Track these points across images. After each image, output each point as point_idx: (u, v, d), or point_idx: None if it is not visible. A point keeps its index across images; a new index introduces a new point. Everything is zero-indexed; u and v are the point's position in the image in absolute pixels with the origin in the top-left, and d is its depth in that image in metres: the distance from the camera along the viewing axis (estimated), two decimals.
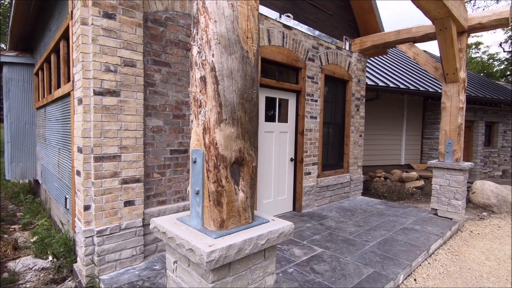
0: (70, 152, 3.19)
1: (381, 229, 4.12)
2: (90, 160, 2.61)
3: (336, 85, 5.65)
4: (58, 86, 3.75)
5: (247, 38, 1.37)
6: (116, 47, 2.67)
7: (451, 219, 4.68)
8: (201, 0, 1.34)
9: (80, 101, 2.64)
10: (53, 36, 3.83)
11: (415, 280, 2.99)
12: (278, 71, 4.51)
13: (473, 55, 22.51)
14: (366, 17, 5.80)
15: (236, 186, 1.40)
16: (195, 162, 1.40)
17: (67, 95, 3.18)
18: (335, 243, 3.56)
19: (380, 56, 10.08)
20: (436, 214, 4.89)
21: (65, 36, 3.27)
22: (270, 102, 4.48)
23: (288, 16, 4.43)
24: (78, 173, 2.74)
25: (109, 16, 2.61)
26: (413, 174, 7.66)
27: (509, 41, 14.12)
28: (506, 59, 19.52)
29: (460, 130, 4.68)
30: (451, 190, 4.68)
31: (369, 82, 7.71)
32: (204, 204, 1.37)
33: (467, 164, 4.59)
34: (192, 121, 1.43)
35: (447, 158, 4.74)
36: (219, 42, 1.32)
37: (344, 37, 5.64)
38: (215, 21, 1.32)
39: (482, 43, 22.26)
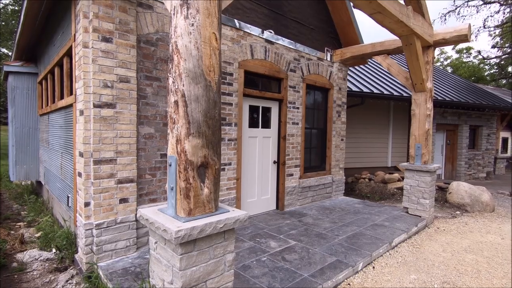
0: (72, 155, 3.62)
1: (353, 225, 4.56)
2: (90, 163, 3.04)
3: (318, 93, 6.11)
4: (62, 97, 4.19)
5: (209, 71, 1.82)
6: (113, 66, 3.11)
7: (420, 216, 5.11)
8: (174, 44, 1.78)
9: (81, 113, 3.08)
10: (57, 51, 4.27)
11: (373, 268, 3.42)
12: (261, 82, 4.95)
13: (464, 59, 23.07)
14: (346, 29, 6.26)
15: (202, 184, 1.84)
16: (170, 165, 1.84)
17: (70, 106, 3.62)
18: (308, 237, 3.99)
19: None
20: (407, 212, 5.33)
21: (68, 53, 3.72)
22: (254, 109, 4.92)
23: (270, 32, 4.88)
24: (80, 174, 3.17)
25: (106, 40, 3.06)
26: (395, 175, 8.11)
27: (497, 47, 14.61)
28: (496, 64, 20.06)
29: (428, 135, 5.12)
30: (420, 190, 5.12)
31: (354, 89, 8.17)
32: (176, 197, 1.80)
33: (433, 166, 5.03)
34: (169, 134, 1.87)
35: (417, 160, 5.18)
36: (188, 75, 1.76)
37: (325, 48, 6.10)
38: (185, 59, 1.76)
39: (472, 48, 22.84)
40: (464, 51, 22.63)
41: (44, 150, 5.92)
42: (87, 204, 3.07)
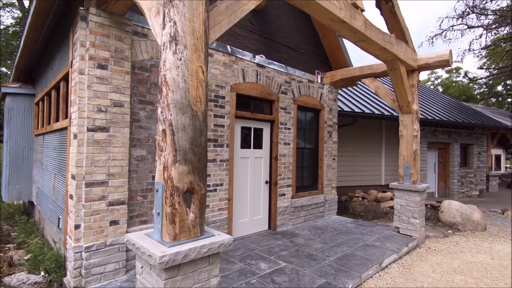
0: (65, 177, 3.67)
1: (344, 246, 4.58)
2: (81, 186, 3.10)
3: (309, 114, 6.27)
4: (57, 120, 4.29)
5: (196, 102, 1.93)
6: (107, 91, 3.24)
7: (411, 236, 5.15)
8: (163, 76, 1.91)
9: (75, 136, 3.16)
10: (54, 75, 4.41)
11: None
12: (253, 104, 5.11)
13: (454, 79, 23.75)
14: (335, 54, 6.53)
15: (187, 209, 1.90)
16: (157, 191, 1.91)
17: (65, 128, 3.71)
18: (299, 258, 4.01)
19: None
20: (399, 232, 5.36)
21: (65, 78, 3.85)
22: (246, 130, 5.04)
23: (261, 57, 5.09)
24: (71, 196, 3.21)
25: (102, 67, 3.20)
26: (387, 194, 8.17)
27: (484, 68, 15.14)
28: (485, 83, 20.67)
29: (416, 155, 5.25)
30: (410, 209, 5.18)
31: (346, 108, 8.38)
32: (162, 222, 1.87)
33: (422, 186, 5.13)
34: (157, 160, 1.95)
35: (406, 180, 5.28)
36: (175, 105, 1.87)
37: (316, 71, 6.33)
38: (173, 91, 1.88)
39: (461, 68, 23.59)
40: (454, 71, 23.37)
41: (37, 170, 5.94)
42: (77, 227, 3.10)
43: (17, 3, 15.21)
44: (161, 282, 1.72)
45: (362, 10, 3.68)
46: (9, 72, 15.84)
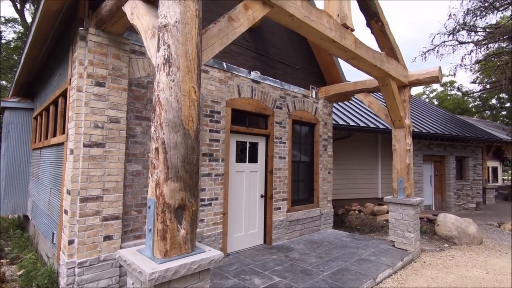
0: (60, 192, 3.70)
1: (339, 260, 4.57)
2: (76, 201, 3.13)
3: (304, 128, 6.37)
4: (54, 135, 4.35)
5: (188, 121, 2.01)
6: (104, 108, 3.32)
7: (406, 250, 5.15)
8: (157, 96, 1.99)
9: (71, 152, 3.22)
10: (53, 91, 4.50)
11: None
12: (248, 119, 5.20)
13: (449, 92, 24.14)
14: (330, 69, 6.69)
15: (179, 225, 1.94)
16: (149, 207, 1.96)
17: (62, 144, 3.76)
18: (293, 273, 4.00)
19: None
20: (394, 246, 5.36)
21: (64, 94, 3.93)
22: (241, 145, 5.11)
23: (256, 73, 5.22)
24: (66, 212, 3.24)
25: (100, 84, 3.29)
26: (384, 207, 8.18)
27: (476, 82, 15.44)
28: (479, 96, 21.01)
29: (409, 169, 5.32)
30: (404, 223, 5.21)
31: (341, 122, 8.50)
32: (154, 239, 1.90)
33: (416, 200, 5.17)
34: (149, 178, 2.01)
35: (400, 194, 5.33)
36: (168, 124, 1.95)
37: (310, 86, 6.47)
38: (166, 110, 1.95)
39: (455, 82, 24.02)
40: (448, 84, 23.80)
41: (33, 184, 5.95)
42: (71, 242, 3.11)
43: (19, 19, 15.53)
44: None
45: (352, 30, 3.82)
46: (9, 86, 16.00)
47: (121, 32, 3.37)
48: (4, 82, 15.28)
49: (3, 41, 15.76)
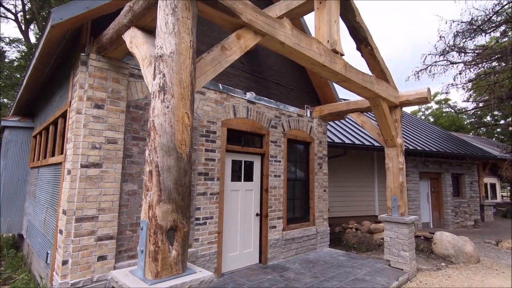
0: (56, 211, 3.74)
1: (334, 280, 4.55)
2: (72, 221, 3.17)
3: (299, 147, 6.48)
4: (53, 154, 4.43)
5: (181, 144, 2.11)
6: (102, 129, 3.42)
7: (402, 269, 5.13)
8: (152, 122, 2.10)
9: (69, 172, 3.29)
10: (53, 111, 4.62)
11: None
12: (243, 138, 5.31)
13: (444, 109, 24.53)
14: (324, 90, 6.88)
15: (170, 246, 2.00)
16: (142, 229, 2.02)
17: (60, 163, 3.84)
18: None
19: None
20: (390, 265, 5.34)
21: (63, 115, 4.05)
22: (236, 163, 5.20)
23: (252, 94, 5.38)
24: (61, 232, 3.27)
25: (98, 106, 3.41)
26: (381, 225, 8.16)
27: (469, 101, 15.78)
28: (473, 114, 21.36)
29: (402, 187, 5.39)
30: (399, 242, 5.22)
31: (336, 140, 8.62)
32: (145, 260, 1.95)
33: (410, 218, 5.21)
34: (143, 199, 2.08)
35: (394, 212, 5.37)
36: (162, 148, 2.04)
37: (305, 105, 6.64)
38: (160, 135, 2.06)
39: (450, 99, 24.48)
40: (443, 102, 24.25)
41: (30, 202, 5.96)
42: (65, 262, 3.12)
43: (23, 39, 15.98)
44: None
45: (342, 55, 4.01)
46: (9, 103, 16.22)
47: (120, 57, 3.54)
48: (5, 100, 15.50)
49: (6, 60, 16.13)
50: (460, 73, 10.33)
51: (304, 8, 4.30)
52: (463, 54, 10.16)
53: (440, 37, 10.25)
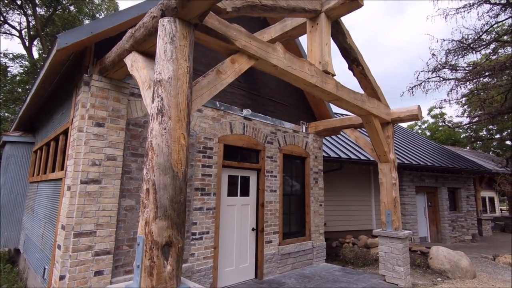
0: (55, 226, 3.81)
1: None
2: (70, 236, 3.25)
3: (295, 162, 6.60)
4: (53, 170, 4.54)
5: (177, 164, 2.23)
6: (102, 146, 3.55)
7: (397, 285, 5.16)
8: (150, 142, 2.23)
9: (69, 188, 3.40)
10: (55, 128, 4.76)
11: None
12: (240, 154, 5.44)
13: (440, 123, 24.84)
14: (319, 106, 7.08)
15: (165, 262, 2.09)
16: (138, 244, 2.11)
17: (60, 179, 3.95)
18: None
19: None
20: (385, 280, 5.37)
21: (65, 132, 4.19)
22: (233, 179, 5.30)
23: (248, 111, 5.55)
24: (59, 247, 3.34)
25: (99, 125, 3.55)
26: (377, 240, 8.16)
27: (465, 115, 16.05)
28: (469, 128, 21.63)
29: (396, 202, 5.48)
30: (394, 257, 5.27)
31: (332, 155, 8.76)
32: (141, 275, 2.04)
33: (404, 233, 5.28)
34: (140, 216, 2.19)
35: (388, 227, 5.44)
36: (158, 167, 2.17)
37: (301, 121, 6.81)
38: (157, 155, 2.19)
39: (445, 114, 24.85)
40: (439, 116, 24.60)
41: (27, 217, 6.01)
42: (62, 278, 3.18)
43: (26, 55, 16.33)
44: None
45: (333, 75, 4.20)
46: (10, 117, 16.41)
47: (121, 77, 3.71)
48: (6, 114, 15.68)
49: (9, 75, 16.42)
50: (451, 90, 10.61)
51: (298, 30, 4.53)
52: (454, 71, 10.46)
53: (432, 55, 10.58)
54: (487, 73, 9.89)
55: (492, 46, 10.57)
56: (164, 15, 2.38)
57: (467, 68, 10.24)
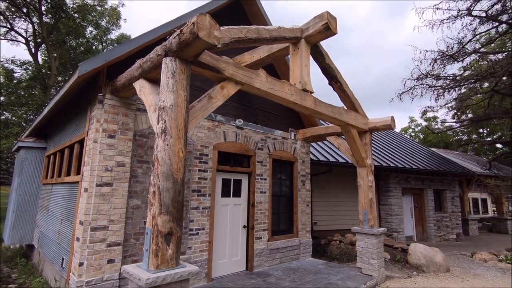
0: (71, 223, 4.46)
1: (309, 284, 5.23)
2: (87, 230, 3.91)
3: (284, 166, 7.26)
4: (68, 174, 5.20)
5: (177, 172, 2.89)
6: (114, 154, 4.21)
7: (371, 276, 5.81)
8: (156, 156, 2.89)
9: (86, 190, 4.05)
10: (70, 137, 5.41)
11: None
12: (232, 159, 6.10)
13: (433, 125, 25.54)
14: (306, 115, 7.73)
15: (167, 247, 2.75)
16: (147, 234, 2.77)
17: (76, 182, 4.60)
18: None
19: None
20: (361, 272, 6.02)
21: (80, 142, 4.84)
22: (226, 181, 5.96)
23: (240, 121, 6.21)
24: (78, 239, 4.00)
25: (111, 136, 4.21)
26: None
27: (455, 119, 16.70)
28: (461, 131, 22.32)
29: (372, 203, 6.14)
30: (369, 251, 5.92)
31: (322, 158, 9.41)
32: (149, 256, 2.70)
33: (378, 230, 5.93)
34: (148, 212, 2.84)
35: (365, 225, 6.09)
36: (162, 175, 2.83)
37: (289, 129, 7.47)
38: (161, 165, 2.84)
39: (438, 117, 25.55)
40: (432, 120, 25.31)
41: (42, 215, 6.66)
42: (81, 264, 3.84)
43: (33, 61, 17.00)
44: None
45: (311, 92, 4.86)
46: (14, 119, 17.04)
47: (129, 96, 4.37)
48: (13, 118, 16.33)
49: (14, 81, 17.09)
50: (437, 97, 11.27)
51: (283, 52, 5.18)
52: (435, 80, 11.14)
53: (417, 65, 11.25)
54: (466, 83, 10.57)
55: (473, 56, 11.25)
56: (167, 55, 3.04)
57: (448, 78, 10.90)
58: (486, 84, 12.62)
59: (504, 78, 10.43)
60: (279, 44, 5.09)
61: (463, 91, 12.76)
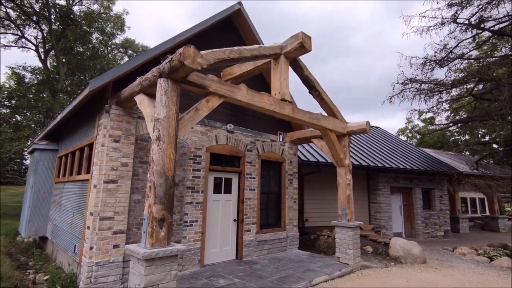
0: (83, 215, 5.21)
1: (290, 270, 5.93)
2: (97, 220, 4.65)
3: (272, 166, 7.96)
4: (79, 173, 5.96)
5: (168, 170, 3.61)
6: (118, 156, 4.96)
7: (348, 264, 6.49)
8: (151, 158, 3.61)
9: (95, 186, 4.80)
10: (80, 140, 6.18)
11: None
12: (224, 160, 6.82)
13: (429, 127, 26.01)
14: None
15: (160, 229, 3.47)
16: (144, 219, 3.50)
17: (86, 180, 5.36)
18: (251, 277, 5.37)
19: None
20: (339, 261, 6.70)
21: (90, 145, 5.60)
22: (218, 180, 6.68)
23: (230, 126, 6.94)
24: (88, 227, 4.75)
25: (116, 141, 4.96)
26: None
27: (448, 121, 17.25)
28: (456, 131, 22.79)
29: (349, 199, 6.82)
30: (346, 242, 6.60)
31: (311, 158, 10.10)
32: (146, 237, 3.42)
33: (354, 223, 6.61)
34: (145, 203, 3.57)
35: (343, 219, 6.77)
36: (157, 173, 3.55)
37: (278, 132, 8.17)
38: (156, 165, 3.57)
39: (435, 118, 25.98)
40: (428, 121, 25.78)
41: (54, 210, 7.44)
42: (91, 248, 4.58)
43: (42, 67, 17.93)
44: (142, 268, 3.23)
45: (290, 102, 5.56)
46: (24, 121, 17.95)
47: (132, 106, 5.12)
48: (24, 122, 17.25)
49: (23, 85, 18.02)
50: (425, 100, 11.92)
51: (266, 65, 5.89)
52: (419, 85, 11.76)
53: (402, 71, 11.86)
54: (449, 87, 11.17)
55: (457, 62, 11.84)
56: (161, 76, 3.77)
57: (432, 82, 11.51)
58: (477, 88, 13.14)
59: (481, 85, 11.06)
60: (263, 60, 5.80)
61: (453, 93, 13.36)
